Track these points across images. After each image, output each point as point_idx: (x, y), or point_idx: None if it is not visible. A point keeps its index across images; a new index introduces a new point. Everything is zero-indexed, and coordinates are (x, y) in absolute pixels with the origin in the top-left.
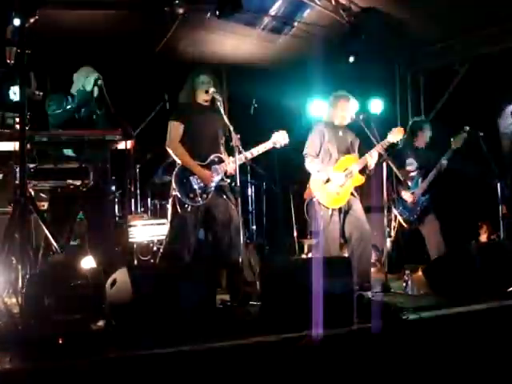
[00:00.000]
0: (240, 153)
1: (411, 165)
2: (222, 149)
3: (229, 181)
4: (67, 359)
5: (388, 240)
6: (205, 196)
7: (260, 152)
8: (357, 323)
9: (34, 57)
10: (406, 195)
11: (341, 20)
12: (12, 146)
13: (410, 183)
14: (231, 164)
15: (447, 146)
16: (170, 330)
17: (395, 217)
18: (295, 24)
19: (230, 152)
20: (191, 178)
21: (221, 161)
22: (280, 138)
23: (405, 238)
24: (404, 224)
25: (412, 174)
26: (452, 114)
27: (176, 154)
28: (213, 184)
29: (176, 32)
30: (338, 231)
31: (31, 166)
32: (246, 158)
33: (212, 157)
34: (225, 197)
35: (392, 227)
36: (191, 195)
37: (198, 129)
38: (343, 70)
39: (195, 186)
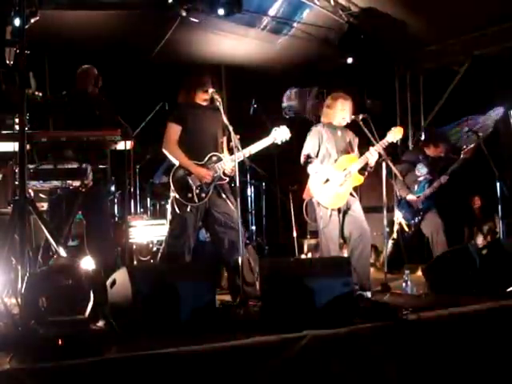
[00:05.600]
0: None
1: (421, 170)
2: (222, 148)
3: (227, 179)
4: (67, 359)
5: (388, 240)
6: (203, 195)
7: (260, 148)
8: (356, 323)
9: (33, 57)
10: (412, 197)
11: (340, 20)
12: (12, 146)
13: (416, 187)
14: (230, 162)
15: (454, 152)
16: (170, 330)
17: (397, 218)
18: (294, 24)
19: (231, 152)
20: (188, 177)
21: (219, 159)
22: (281, 134)
23: (404, 238)
24: (406, 228)
25: (420, 178)
26: (451, 114)
27: (172, 154)
28: (210, 183)
29: (175, 32)
30: (338, 231)
31: (31, 166)
32: (244, 155)
33: (209, 156)
34: (224, 197)
35: (395, 230)
36: (189, 195)
37: (196, 129)
38: (342, 69)
39: (193, 186)
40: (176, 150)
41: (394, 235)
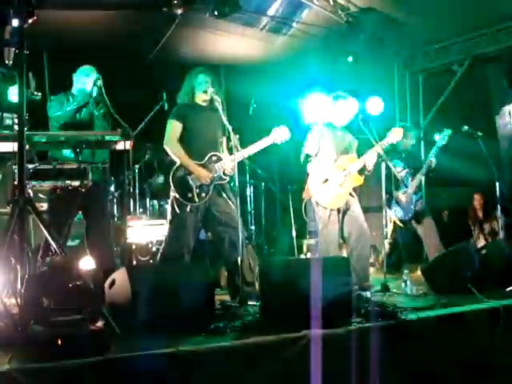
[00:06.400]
0: (238, 151)
1: (397, 165)
2: (221, 148)
3: (227, 179)
4: (67, 359)
5: (386, 241)
6: (203, 195)
7: (259, 148)
8: (356, 323)
9: (32, 57)
10: (400, 196)
11: (339, 20)
12: (11, 146)
13: (400, 183)
14: (229, 162)
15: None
16: (169, 330)
17: (390, 217)
18: (294, 24)
19: (230, 152)
20: (188, 177)
21: (219, 159)
22: (281, 134)
23: (403, 238)
24: (399, 223)
25: (400, 174)
26: (450, 113)
27: (173, 152)
28: (210, 182)
29: (175, 32)
30: (337, 231)
31: (30, 166)
32: (243, 155)
33: (209, 155)
34: (225, 196)
35: (388, 228)
36: (189, 195)
37: (196, 128)
38: (342, 69)
39: (193, 186)
40: (177, 147)
41: (389, 235)
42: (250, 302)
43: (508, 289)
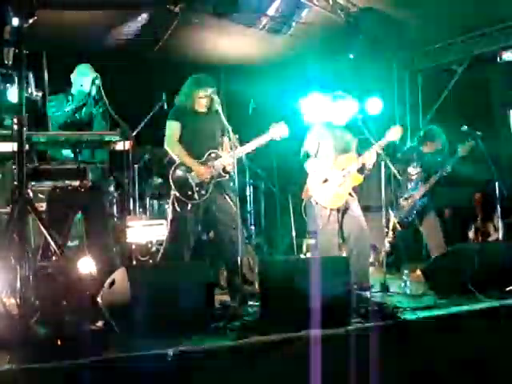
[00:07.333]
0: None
1: (415, 168)
2: (221, 148)
3: (227, 176)
4: (67, 359)
5: (386, 240)
6: (203, 193)
7: (258, 145)
8: (355, 323)
9: (32, 57)
10: (403, 202)
11: (339, 20)
12: (10, 146)
13: (409, 185)
14: (228, 159)
15: (451, 150)
16: (169, 330)
17: (390, 217)
18: (293, 24)
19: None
20: (188, 175)
21: (218, 156)
22: (279, 130)
23: (403, 237)
24: (398, 226)
25: (413, 176)
26: (450, 113)
27: (173, 151)
28: (210, 180)
29: (175, 32)
30: (337, 231)
31: (30, 166)
32: (243, 152)
33: (208, 153)
34: (225, 196)
35: (388, 228)
36: (190, 193)
37: (195, 127)
38: (342, 69)
39: (193, 184)
40: (177, 146)
41: (390, 233)
42: (250, 302)
43: (508, 289)
